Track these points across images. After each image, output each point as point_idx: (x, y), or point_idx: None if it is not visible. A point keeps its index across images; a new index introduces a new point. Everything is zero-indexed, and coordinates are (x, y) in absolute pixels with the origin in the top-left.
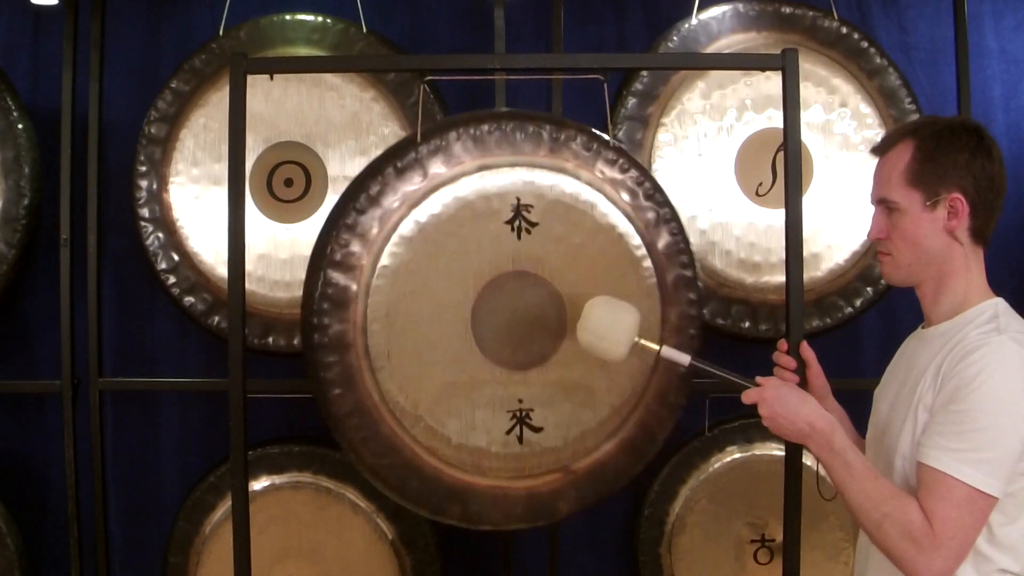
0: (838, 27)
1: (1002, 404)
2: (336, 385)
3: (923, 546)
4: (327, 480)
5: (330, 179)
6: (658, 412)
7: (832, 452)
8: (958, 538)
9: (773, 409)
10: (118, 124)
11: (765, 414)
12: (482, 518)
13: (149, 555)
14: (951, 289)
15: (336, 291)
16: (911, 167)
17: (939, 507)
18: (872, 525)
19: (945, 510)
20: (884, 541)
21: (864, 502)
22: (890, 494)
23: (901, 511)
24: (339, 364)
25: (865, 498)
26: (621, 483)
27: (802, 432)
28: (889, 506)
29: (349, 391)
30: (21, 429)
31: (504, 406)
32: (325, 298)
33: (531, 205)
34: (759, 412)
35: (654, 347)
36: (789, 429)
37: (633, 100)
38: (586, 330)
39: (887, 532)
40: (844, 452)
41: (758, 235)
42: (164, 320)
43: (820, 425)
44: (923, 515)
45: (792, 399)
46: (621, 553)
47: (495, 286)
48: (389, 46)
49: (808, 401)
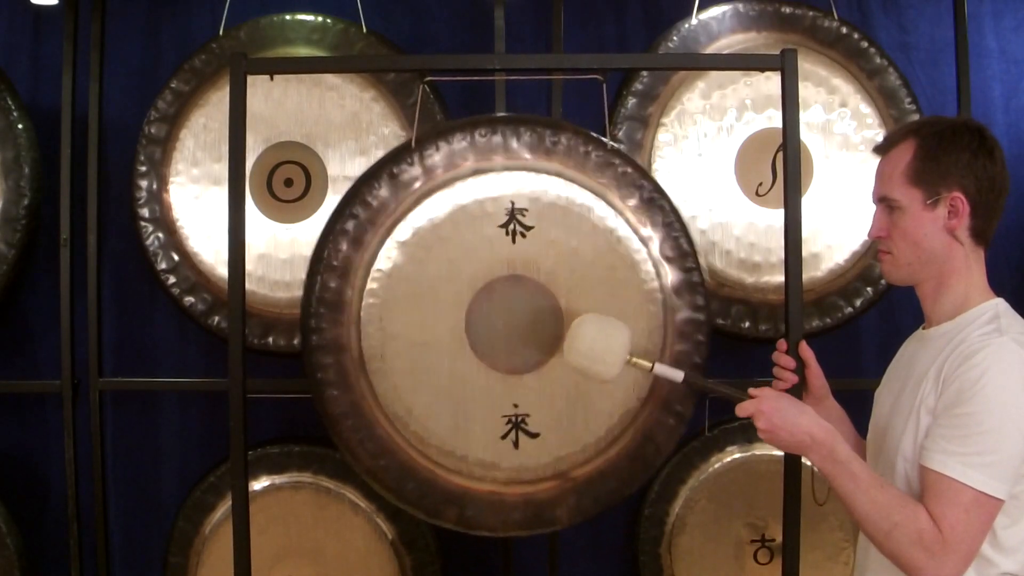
0: (838, 27)
1: (1005, 406)
2: (331, 386)
3: (934, 552)
4: (327, 480)
5: (330, 179)
6: (663, 420)
7: (835, 463)
8: (967, 542)
9: (772, 422)
10: (118, 124)
11: (763, 427)
12: (479, 523)
13: (149, 555)
14: (951, 289)
15: (331, 294)
16: (912, 166)
17: (948, 512)
18: (881, 535)
19: (954, 515)
20: (894, 549)
21: (872, 512)
22: (899, 503)
23: (911, 519)
24: (334, 366)
25: (873, 507)
26: (625, 492)
27: (802, 444)
28: (899, 515)
29: (344, 392)
30: (21, 429)
31: (499, 411)
32: (321, 302)
33: (526, 209)
34: (756, 425)
35: (647, 365)
36: (789, 441)
37: (633, 100)
38: (576, 352)
39: (897, 541)
40: (849, 462)
41: (758, 235)
42: (164, 320)
43: (821, 436)
44: (932, 521)
45: (790, 411)
46: (621, 553)
47: (490, 290)
48: (389, 46)
49: (806, 411)
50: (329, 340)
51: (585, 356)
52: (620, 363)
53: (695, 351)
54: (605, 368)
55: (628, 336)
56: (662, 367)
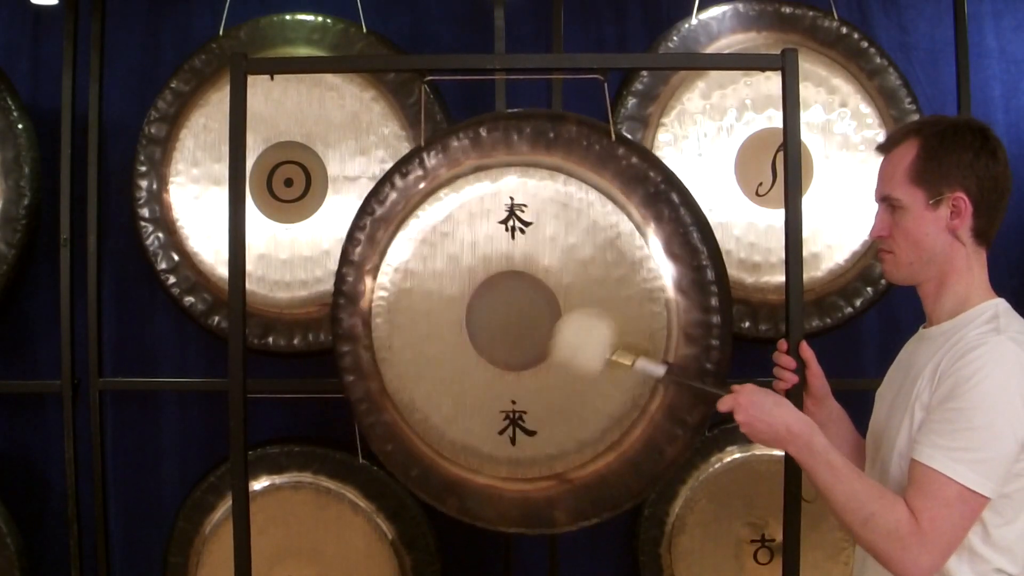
0: (838, 27)
1: (998, 404)
2: (349, 372)
3: (909, 544)
4: (327, 480)
5: (330, 179)
6: (667, 429)
7: (813, 454)
8: (946, 536)
9: (749, 413)
10: (118, 124)
11: (741, 419)
12: (478, 515)
13: (149, 555)
14: (952, 289)
15: (348, 287)
16: (915, 165)
17: (928, 504)
18: (858, 524)
19: (935, 508)
20: (870, 539)
21: (849, 502)
22: (876, 493)
23: (888, 510)
24: (351, 353)
25: (850, 497)
26: (626, 500)
27: (779, 435)
28: (875, 505)
29: (360, 379)
30: (21, 429)
31: (497, 406)
32: (340, 294)
33: (525, 204)
34: (735, 418)
35: (627, 361)
36: (767, 432)
37: (633, 100)
38: (558, 345)
39: (873, 531)
40: (826, 452)
41: (758, 235)
42: (164, 320)
43: (797, 427)
44: (909, 513)
45: (767, 403)
46: (621, 553)
47: (489, 285)
48: (389, 46)
49: (783, 404)
50: (346, 329)
51: (566, 348)
52: (600, 357)
53: (705, 355)
54: (586, 361)
55: (610, 331)
56: (643, 362)
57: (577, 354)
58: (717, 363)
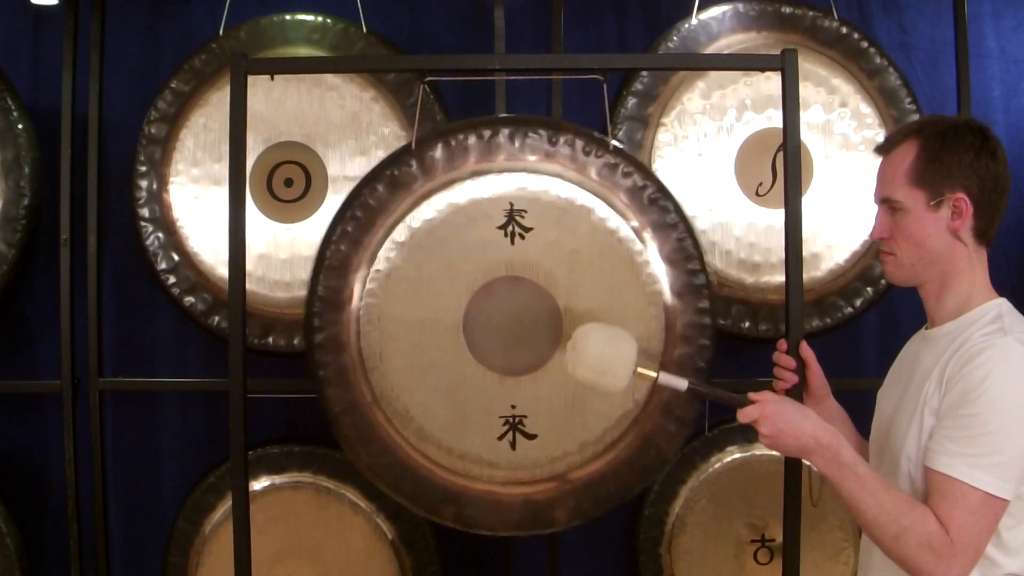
0: (838, 27)
1: (1010, 407)
2: (331, 384)
3: (943, 555)
4: (327, 480)
5: (330, 179)
6: (663, 426)
7: (841, 466)
8: (975, 543)
9: (776, 427)
10: (118, 124)
11: (766, 432)
12: (477, 522)
13: (149, 555)
14: (954, 289)
15: (331, 293)
16: (915, 166)
17: (955, 514)
18: (888, 538)
19: (962, 517)
20: (902, 552)
21: (880, 515)
22: (907, 506)
23: (920, 523)
24: (334, 364)
25: (881, 511)
26: (625, 497)
27: (807, 448)
28: (907, 519)
29: (344, 391)
30: (21, 429)
31: (496, 412)
32: (321, 300)
33: (524, 210)
34: (760, 430)
35: (652, 375)
36: (793, 445)
37: (633, 100)
38: (583, 365)
39: (906, 544)
40: (855, 465)
41: (758, 235)
42: (164, 320)
43: (826, 439)
44: (939, 524)
45: (794, 415)
46: (621, 553)
47: (488, 291)
48: (389, 46)
49: (810, 415)
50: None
51: (592, 369)
52: (629, 375)
53: (698, 355)
54: (614, 381)
55: (635, 347)
56: (667, 376)
57: (604, 370)
58: (708, 361)
